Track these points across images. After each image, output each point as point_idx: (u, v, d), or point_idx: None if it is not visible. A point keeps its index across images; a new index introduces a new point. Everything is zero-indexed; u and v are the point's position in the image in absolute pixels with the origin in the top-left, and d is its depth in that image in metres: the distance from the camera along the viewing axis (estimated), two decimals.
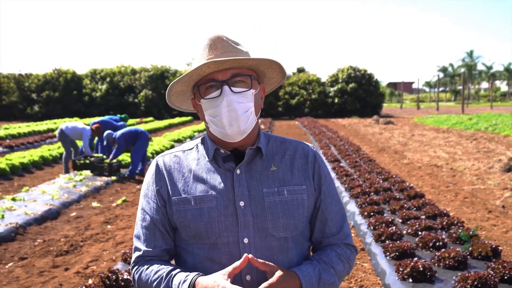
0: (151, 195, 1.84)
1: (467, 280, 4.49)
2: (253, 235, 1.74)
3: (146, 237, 1.82)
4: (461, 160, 13.92)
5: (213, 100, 1.73)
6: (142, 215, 1.85)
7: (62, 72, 45.54)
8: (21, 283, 5.40)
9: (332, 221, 1.87)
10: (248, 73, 1.77)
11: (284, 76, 1.92)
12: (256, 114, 1.80)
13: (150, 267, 1.78)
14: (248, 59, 1.72)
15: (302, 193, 1.81)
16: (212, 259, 1.75)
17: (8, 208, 8.23)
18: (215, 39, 1.76)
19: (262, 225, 1.74)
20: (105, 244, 6.72)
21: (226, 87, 1.71)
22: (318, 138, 19.24)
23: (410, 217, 6.82)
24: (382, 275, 5.23)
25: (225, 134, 1.74)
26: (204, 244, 1.76)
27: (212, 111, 1.74)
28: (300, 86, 45.50)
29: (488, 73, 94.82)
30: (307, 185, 1.83)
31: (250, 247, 1.73)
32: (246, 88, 1.75)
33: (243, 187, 1.76)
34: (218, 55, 1.74)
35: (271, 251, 1.75)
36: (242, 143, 1.80)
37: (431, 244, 5.68)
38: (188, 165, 1.84)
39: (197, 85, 1.78)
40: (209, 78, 1.74)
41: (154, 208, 1.82)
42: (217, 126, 1.74)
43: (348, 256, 1.87)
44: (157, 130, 27.25)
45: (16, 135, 22.53)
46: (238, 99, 1.71)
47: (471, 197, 9.17)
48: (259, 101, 1.82)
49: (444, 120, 30.76)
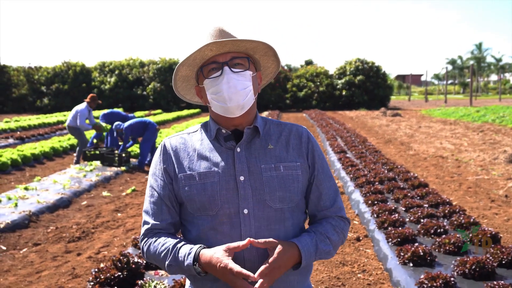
0: (159, 173, 2.02)
1: (465, 264, 4.65)
2: (252, 207, 1.91)
3: (154, 211, 2.00)
4: (466, 152, 14.02)
5: (215, 79, 1.92)
6: (150, 192, 2.03)
7: (71, 65, 45.83)
8: (35, 267, 5.61)
9: (325, 195, 2.04)
10: (245, 56, 1.97)
11: (279, 65, 2.12)
12: (254, 94, 1.98)
13: (158, 239, 1.96)
14: (246, 41, 1.91)
15: (297, 169, 1.98)
16: (215, 228, 1.92)
17: (21, 197, 8.46)
18: (216, 29, 1.96)
19: (260, 197, 1.92)
20: (116, 231, 6.91)
21: (227, 67, 1.91)
22: (325, 130, 19.36)
23: (413, 206, 6.97)
24: (384, 260, 5.39)
25: (226, 108, 1.92)
26: (208, 215, 1.93)
27: (214, 89, 1.92)
28: (307, 78, 45.50)
29: (497, 65, 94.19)
30: (301, 162, 2.00)
31: (249, 217, 1.90)
32: (244, 69, 1.94)
33: (243, 163, 1.94)
34: (217, 38, 1.93)
35: (268, 221, 1.92)
36: (241, 121, 1.98)
37: (433, 230, 5.84)
38: (193, 145, 2.03)
39: (200, 68, 1.97)
40: (211, 61, 1.93)
41: (161, 185, 2.00)
42: (218, 102, 1.92)
43: (342, 227, 2.04)
44: (166, 122, 27.44)
45: (26, 127, 22.80)
46: (237, 77, 1.90)
47: (474, 187, 9.30)
48: (256, 84, 2.01)
49: (452, 113, 30.76)
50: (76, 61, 46.44)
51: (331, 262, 5.54)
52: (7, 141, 17.46)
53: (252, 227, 1.90)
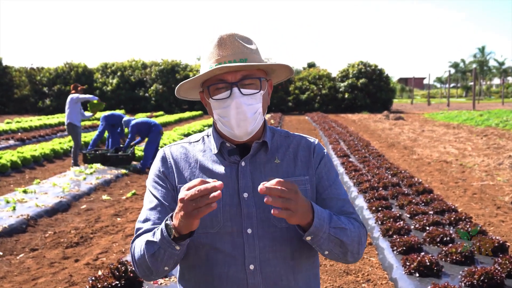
0: (158, 180, 1.86)
1: (473, 275, 4.51)
2: (256, 226, 1.76)
3: (150, 216, 1.81)
4: (470, 156, 13.88)
5: (222, 101, 1.75)
6: (149, 198, 1.85)
7: (74, 66, 45.79)
8: (32, 273, 5.48)
9: (331, 201, 1.87)
10: (258, 76, 1.79)
11: (292, 73, 1.94)
12: (264, 112, 1.83)
13: (143, 235, 1.76)
14: (260, 65, 1.76)
15: (305, 184, 1.84)
16: (216, 248, 1.77)
17: (19, 200, 8.34)
18: (226, 38, 1.77)
19: (265, 216, 1.77)
20: (115, 236, 6.79)
21: (236, 89, 1.73)
22: (327, 133, 19.24)
23: (418, 212, 6.84)
24: (389, 269, 5.26)
25: (233, 134, 1.77)
26: (208, 233, 1.78)
27: (221, 111, 1.76)
28: (310, 81, 45.39)
29: (500, 69, 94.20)
30: (310, 175, 1.86)
31: (253, 237, 1.76)
32: (256, 90, 1.77)
33: (247, 179, 1.80)
34: (229, 55, 1.74)
35: (274, 241, 1.77)
36: (248, 139, 1.83)
37: (439, 239, 5.70)
38: (195, 156, 1.88)
39: (206, 86, 1.80)
40: (219, 79, 1.75)
41: (162, 191, 1.83)
42: (226, 126, 1.77)
43: (358, 225, 1.84)
44: (167, 124, 27.33)
45: (27, 128, 22.71)
46: (247, 101, 1.73)
47: (480, 193, 9.16)
48: (266, 99, 1.85)
49: (455, 116, 30.62)
50: (78, 62, 46.41)
51: (334, 271, 5.41)
52: (7, 143, 17.36)
53: (256, 247, 1.76)
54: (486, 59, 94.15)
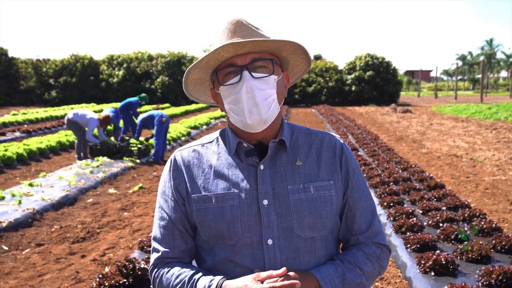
0: (169, 193, 1.74)
1: (491, 274, 4.38)
2: (278, 236, 1.62)
3: (164, 237, 1.72)
4: (481, 150, 13.69)
5: (233, 87, 1.61)
6: (160, 214, 1.75)
7: (79, 57, 45.67)
8: (37, 269, 5.38)
9: (360, 217, 1.75)
10: (269, 57, 1.65)
11: (310, 63, 1.79)
12: (279, 102, 1.67)
13: (171, 270, 1.67)
14: (269, 41, 1.59)
15: (330, 189, 1.69)
16: (234, 261, 1.64)
17: (25, 193, 8.24)
18: (235, 23, 1.64)
19: (287, 225, 1.63)
20: (122, 231, 6.68)
21: (246, 72, 1.59)
22: (335, 126, 19.07)
23: (430, 208, 6.69)
24: (402, 267, 5.13)
25: (246, 123, 1.62)
26: (226, 244, 1.65)
27: (231, 98, 1.62)
28: (317, 73, 45.15)
29: (507, 61, 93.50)
30: (335, 180, 1.71)
31: (274, 248, 1.62)
32: (268, 74, 1.63)
33: (267, 184, 1.65)
34: (237, 38, 1.62)
35: (297, 253, 1.64)
36: (264, 134, 1.68)
37: (453, 236, 5.56)
38: (208, 160, 1.73)
39: (216, 71, 1.67)
40: (228, 63, 1.62)
41: (172, 206, 1.72)
42: (237, 115, 1.62)
43: (378, 256, 1.74)
44: (174, 116, 27.19)
45: (33, 120, 22.65)
46: (258, 85, 1.59)
47: (492, 188, 9.00)
48: (282, 89, 1.70)
49: (463, 109, 30.35)
50: (84, 54, 46.28)
51: None
52: (13, 134, 17.31)
53: (277, 260, 1.61)
54: (494, 52, 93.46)
